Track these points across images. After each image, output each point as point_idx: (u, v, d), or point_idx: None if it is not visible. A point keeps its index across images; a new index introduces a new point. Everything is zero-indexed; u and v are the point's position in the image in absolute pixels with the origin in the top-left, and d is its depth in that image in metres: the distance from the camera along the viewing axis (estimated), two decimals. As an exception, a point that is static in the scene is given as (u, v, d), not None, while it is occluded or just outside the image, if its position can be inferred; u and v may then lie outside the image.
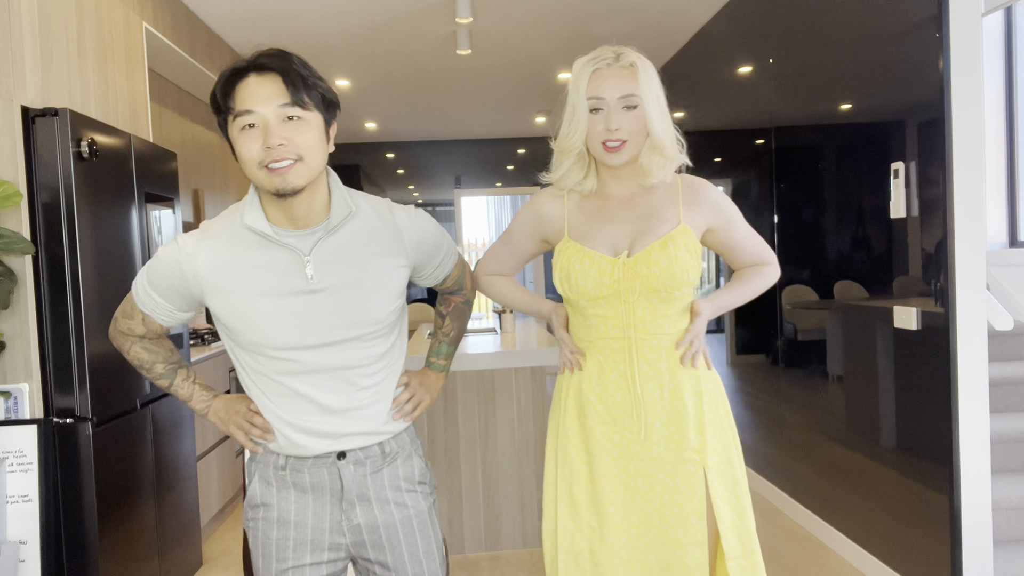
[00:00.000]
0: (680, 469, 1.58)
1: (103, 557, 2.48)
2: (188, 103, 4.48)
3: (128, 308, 1.49)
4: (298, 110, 1.31)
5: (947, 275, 2.54)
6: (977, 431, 2.54)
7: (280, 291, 1.37)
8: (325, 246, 1.39)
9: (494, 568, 3.22)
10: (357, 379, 1.44)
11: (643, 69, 1.54)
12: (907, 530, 2.81)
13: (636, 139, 1.55)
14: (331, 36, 4.63)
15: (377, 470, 1.48)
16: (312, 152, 1.32)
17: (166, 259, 1.40)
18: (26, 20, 2.43)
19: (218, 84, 1.34)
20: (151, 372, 1.55)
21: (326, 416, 1.43)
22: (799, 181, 3.66)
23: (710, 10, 4.33)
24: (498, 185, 8.58)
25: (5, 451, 2.32)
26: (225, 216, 1.43)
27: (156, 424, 2.94)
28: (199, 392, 1.56)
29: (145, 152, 2.96)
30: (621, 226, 1.61)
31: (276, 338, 1.38)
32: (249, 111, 1.30)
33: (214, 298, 1.39)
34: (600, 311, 1.60)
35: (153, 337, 1.53)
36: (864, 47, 2.99)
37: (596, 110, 1.54)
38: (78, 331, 2.42)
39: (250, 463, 1.53)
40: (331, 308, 1.39)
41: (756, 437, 4.16)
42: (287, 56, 1.34)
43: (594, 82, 1.54)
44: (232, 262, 1.37)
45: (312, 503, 1.46)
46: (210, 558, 3.47)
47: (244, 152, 1.32)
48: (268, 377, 1.42)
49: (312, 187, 1.36)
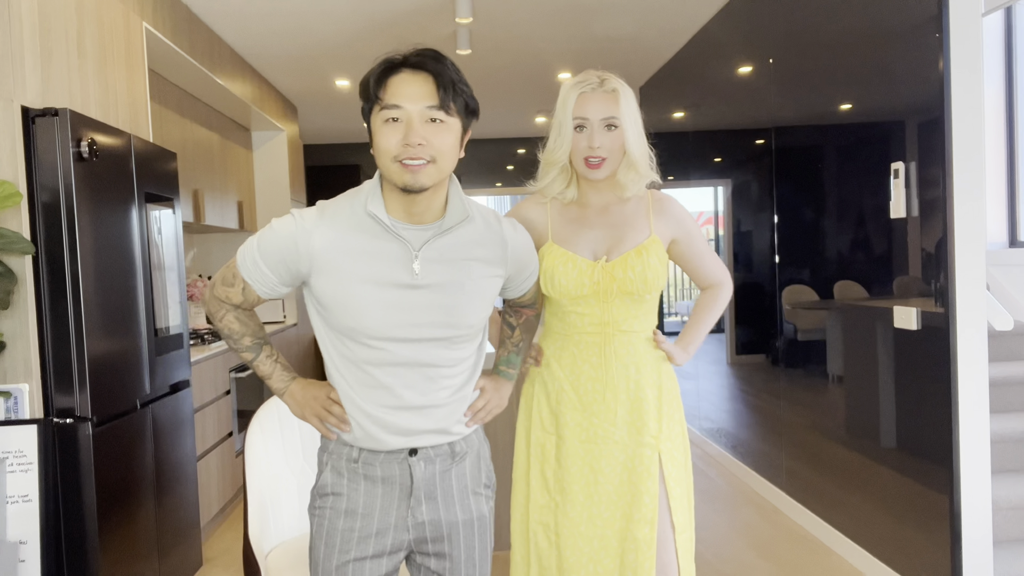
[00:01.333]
0: (638, 453, 1.78)
1: (103, 557, 2.48)
2: (188, 103, 4.48)
3: (229, 276, 1.48)
4: (442, 114, 1.36)
5: (947, 275, 2.54)
6: (977, 431, 2.54)
7: (385, 281, 1.40)
8: (435, 245, 1.43)
9: (494, 568, 3.21)
10: (439, 378, 1.47)
11: (623, 95, 1.73)
12: (907, 530, 2.81)
13: (614, 157, 1.74)
14: (331, 36, 4.63)
15: (446, 469, 1.51)
16: (446, 156, 1.37)
17: (283, 232, 1.41)
18: (26, 20, 2.43)
19: (372, 73, 1.38)
20: (239, 344, 1.56)
21: (404, 411, 1.46)
22: (799, 181, 3.66)
23: (710, 10, 4.33)
24: (498, 185, 8.57)
25: (5, 451, 2.32)
26: (344, 199, 1.45)
27: (156, 424, 2.94)
28: (280, 371, 1.57)
29: (145, 152, 2.96)
30: (599, 232, 1.81)
31: (372, 327, 1.41)
32: (397, 106, 1.35)
33: (320, 278, 1.41)
34: (579, 309, 1.78)
35: (247, 308, 1.54)
36: (864, 47, 3.00)
37: (580, 127, 1.73)
38: (78, 331, 2.42)
39: (321, 452, 1.55)
40: (430, 305, 1.42)
41: (756, 437, 4.16)
42: (442, 59, 1.38)
43: (580, 103, 1.72)
44: (345, 245, 1.40)
45: (381, 496, 1.48)
46: (210, 558, 3.47)
47: (383, 143, 1.36)
48: (355, 365, 1.45)
49: (436, 187, 1.40)
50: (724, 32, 4.34)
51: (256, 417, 2.16)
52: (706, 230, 5.16)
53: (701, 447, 5.02)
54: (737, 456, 4.42)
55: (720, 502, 3.97)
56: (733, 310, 4.60)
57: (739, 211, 4.47)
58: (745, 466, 4.27)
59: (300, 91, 6.01)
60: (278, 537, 2.15)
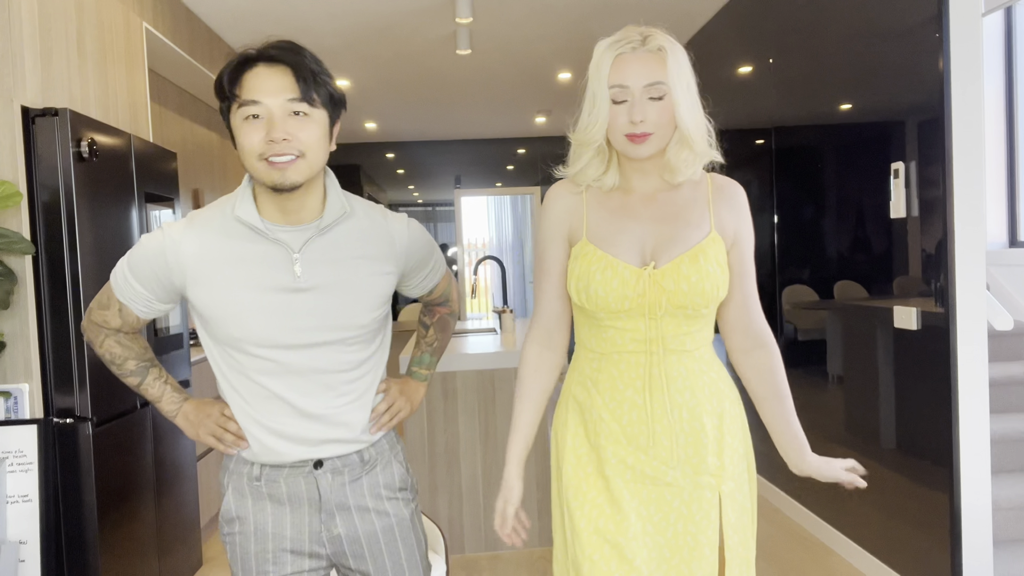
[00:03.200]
0: (696, 496, 1.43)
1: (103, 557, 2.48)
2: (188, 103, 4.48)
3: (104, 299, 1.43)
4: (305, 106, 1.29)
5: (947, 275, 2.54)
6: (977, 431, 2.54)
7: (265, 286, 1.34)
8: (316, 245, 1.36)
9: (494, 568, 3.22)
10: (336, 384, 1.40)
11: (672, 54, 1.38)
12: (907, 530, 2.81)
13: (663, 132, 1.39)
14: (331, 36, 4.63)
15: (356, 479, 1.45)
16: (314, 149, 1.31)
17: (150, 246, 1.35)
18: (26, 20, 2.43)
19: (225, 70, 1.31)
20: (122, 368, 1.48)
21: (303, 421, 1.39)
22: (799, 181, 3.66)
23: (710, 10, 4.33)
24: (498, 185, 8.58)
25: (5, 451, 2.32)
26: (215, 206, 1.39)
27: (156, 424, 2.94)
28: (170, 393, 1.50)
29: (145, 152, 2.96)
30: (645, 226, 1.44)
31: (256, 334, 1.34)
32: (255, 101, 1.27)
33: (196, 289, 1.35)
34: (619, 324, 1.43)
35: (129, 331, 1.47)
36: (864, 47, 3.00)
37: (620, 100, 1.38)
38: (78, 331, 2.42)
39: (223, 473, 1.48)
40: (315, 309, 1.36)
41: (756, 437, 4.15)
42: (299, 50, 1.31)
43: (617, 68, 1.37)
44: (218, 253, 1.34)
45: (289, 514, 1.42)
46: (210, 558, 3.47)
47: (245, 142, 1.29)
48: (246, 376, 1.38)
49: (309, 184, 1.34)
50: (724, 32, 4.34)
51: (256, 417, 2.15)
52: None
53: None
54: (737, 456, 4.41)
55: (720, 502, 3.97)
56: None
57: (739, 211, 4.47)
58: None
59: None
60: (278, 537, 2.15)
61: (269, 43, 1.31)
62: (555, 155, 1.59)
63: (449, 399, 3.30)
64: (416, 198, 8.53)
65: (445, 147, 8.37)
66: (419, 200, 8.54)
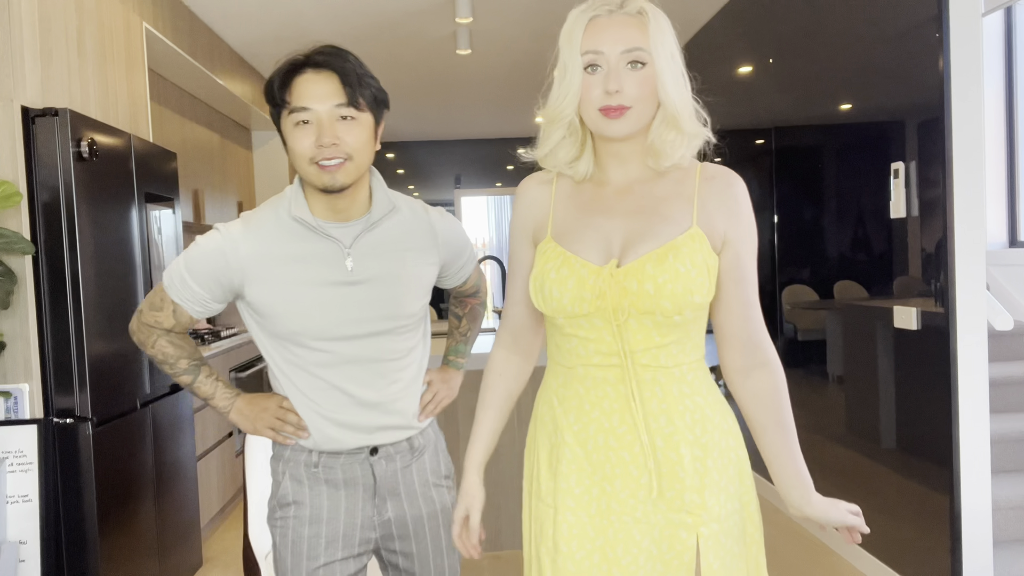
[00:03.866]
0: (668, 535, 1.23)
1: (103, 557, 2.48)
2: (188, 103, 4.48)
3: (157, 300, 1.47)
4: (352, 110, 1.34)
5: (947, 275, 2.54)
6: (977, 431, 2.54)
7: (320, 281, 1.40)
8: (365, 240, 1.43)
9: (494, 568, 3.22)
10: (389, 372, 1.47)
11: (655, 18, 1.21)
12: (907, 530, 2.81)
13: (643, 107, 1.20)
14: (331, 36, 4.62)
15: (407, 465, 1.53)
16: (361, 152, 1.36)
17: (209, 247, 1.40)
18: (26, 20, 2.43)
19: (275, 77, 1.37)
20: (174, 368, 1.53)
21: (360, 409, 1.46)
22: (799, 181, 3.67)
23: (710, 10, 4.33)
24: (498, 185, 8.58)
25: (5, 451, 2.32)
26: (268, 207, 1.46)
27: (156, 424, 2.94)
28: (222, 389, 1.55)
29: (145, 152, 2.96)
30: (615, 221, 1.25)
31: (314, 327, 1.40)
32: (305, 108, 1.33)
33: (254, 287, 1.40)
34: (581, 332, 1.24)
35: (180, 331, 1.51)
36: (864, 47, 3.00)
37: (593, 66, 1.20)
38: (78, 331, 2.42)
39: (276, 462, 1.53)
40: (368, 300, 1.42)
41: (756, 437, 4.16)
42: (344, 55, 1.36)
43: (591, 33, 1.21)
44: (275, 252, 1.40)
45: (345, 499, 1.48)
46: (210, 558, 3.47)
47: (296, 147, 1.35)
48: (304, 370, 1.44)
49: (357, 183, 1.40)
50: (724, 32, 4.34)
51: (256, 417, 2.15)
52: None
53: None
54: (737, 456, 4.41)
55: (720, 502, 3.97)
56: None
57: (739, 211, 4.47)
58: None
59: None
60: (278, 537, 2.15)
61: (316, 49, 1.36)
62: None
63: (449, 399, 3.30)
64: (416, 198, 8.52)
65: (445, 147, 8.37)
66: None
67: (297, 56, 1.36)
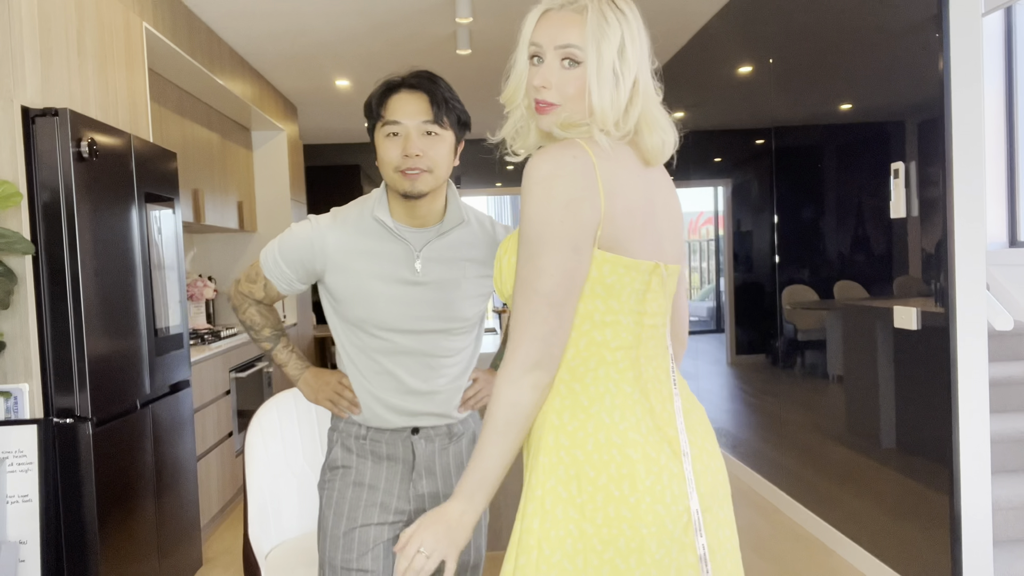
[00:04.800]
0: None
1: (103, 557, 2.48)
2: (188, 103, 4.48)
3: (253, 274, 1.68)
4: (437, 127, 1.52)
5: (947, 275, 2.54)
6: (977, 431, 2.54)
7: (390, 278, 1.57)
8: (434, 246, 1.60)
9: (494, 568, 3.22)
10: (438, 366, 1.63)
11: (596, 15, 1.16)
12: (907, 530, 2.81)
13: (575, 105, 1.18)
14: (331, 36, 4.63)
15: (444, 447, 1.69)
16: (441, 165, 1.54)
17: (300, 234, 1.60)
18: (26, 20, 2.43)
19: (375, 94, 1.56)
20: (259, 334, 1.75)
21: (407, 395, 1.63)
22: (799, 181, 3.67)
23: (710, 10, 4.33)
24: (498, 185, 8.58)
25: (5, 451, 2.32)
26: (355, 206, 1.63)
27: (156, 424, 2.94)
28: (295, 360, 1.76)
29: (145, 152, 2.96)
30: None
31: (379, 318, 1.58)
32: (396, 122, 1.52)
33: (333, 274, 1.59)
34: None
35: (268, 303, 1.73)
36: (864, 47, 3.00)
37: (536, 57, 1.22)
38: (78, 331, 2.42)
39: (331, 432, 1.73)
40: (429, 300, 1.59)
41: (756, 437, 4.16)
42: (436, 79, 1.56)
43: (540, 25, 1.22)
44: (355, 246, 1.58)
45: (386, 470, 1.66)
46: (210, 558, 3.47)
47: (385, 155, 1.53)
48: (364, 353, 1.62)
49: (434, 193, 1.57)
50: (724, 32, 4.34)
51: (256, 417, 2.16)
52: (706, 230, 5.17)
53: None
54: (737, 456, 4.42)
55: (720, 502, 3.97)
56: (733, 310, 4.60)
57: (739, 211, 4.47)
58: (745, 466, 4.27)
59: (300, 91, 6.01)
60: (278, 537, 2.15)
61: (412, 72, 1.56)
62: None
63: (449, 399, 3.30)
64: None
65: (445, 147, 8.36)
66: (419, 200, 8.53)
67: (395, 77, 1.56)
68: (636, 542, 1.14)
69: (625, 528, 1.13)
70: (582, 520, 1.14)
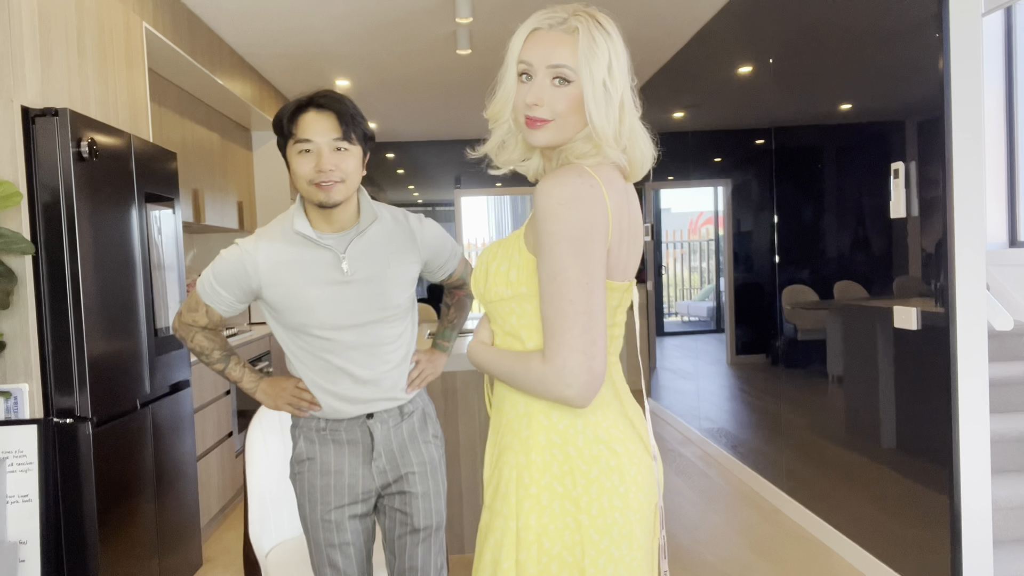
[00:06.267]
0: None
1: (103, 557, 2.48)
2: (188, 103, 4.48)
3: (192, 303, 1.79)
4: (346, 143, 1.66)
5: (947, 275, 2.54)
6: (977, 431, 2.54)
7: (322, 281, 1.70)
8: (356, 246, 1.73)
9: (494, 568, 3.22)
10: (382, 354, 1.77)
11: (587, 36, 1.22)
12: (907, 530, 2.81)
13: (565, 122, 1.24)
14: (331, 36, 4.63)
15: (397, 424, 1.82)
16: (352, 175, 1.68)
17: (231, 259, 1.72)
18: (26, 20, 2.43)
19: (284, 113, 1.68)
20: (209, 357, 1.85)
21: (359, 385, 1.76)
22: (799, 181, 3.67)
23: (710, 10, 4.33)
24: (498, 185, 8.58)
25: (5, 451, 2.32)
26: (276, 223, 1.76)
27: (156, 424, 2.94)
28: (249, 374, 1.88)
29: (145, 152, 2.96)
30: None
31: (319, 319, 1.70)
32: (308, 139, 1.65)
33: (269, 289, 1.71)
34: None
35: (213, 328, 1.83)
36: (864, 47, 3.00)
37: (525, 75, 1.27)
38: (78, 331, 2.42)
39: (293, 429, 1.85)
40: (361, 295, 1.72)
41: (756, 437, 4.16)
42: (342, 99, 1.68)
43: (529, 44, 1.28)
44: (284, 259, 1.71)
45: (348, 454, 1.79)
46: (210, 558, 3.47)
47: (299, 170, 1.66)
48: (312, 354, 1.75)
49: (347, 201, 1.71)
50: (724, 32, 4.34)
51: (256, 417, 2.16)
52: (706, 230, 5.17)
53: (701, 447, 5.02)
54: (737, 456, 4.42)
55: (720, 502, 3.97)
56: (733, 310, 4.61)
57: (739, 211, 4.47)
58: (745, 466, 4.27)
59: (300, 91, 5.99)
60: (278, 537, 2.15)
61: (318, 92, 1.68)
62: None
63: (449, 399, 3.30)
64: (416, 198, 8.53)
65: (445, 147, 8.37)
66: (419, 200, 8.53)
67: (302, 97, 1.68)
68: (627, 529, 1.25)
69: (618, 517, 1.24)
70: (578, 512, 1.24)
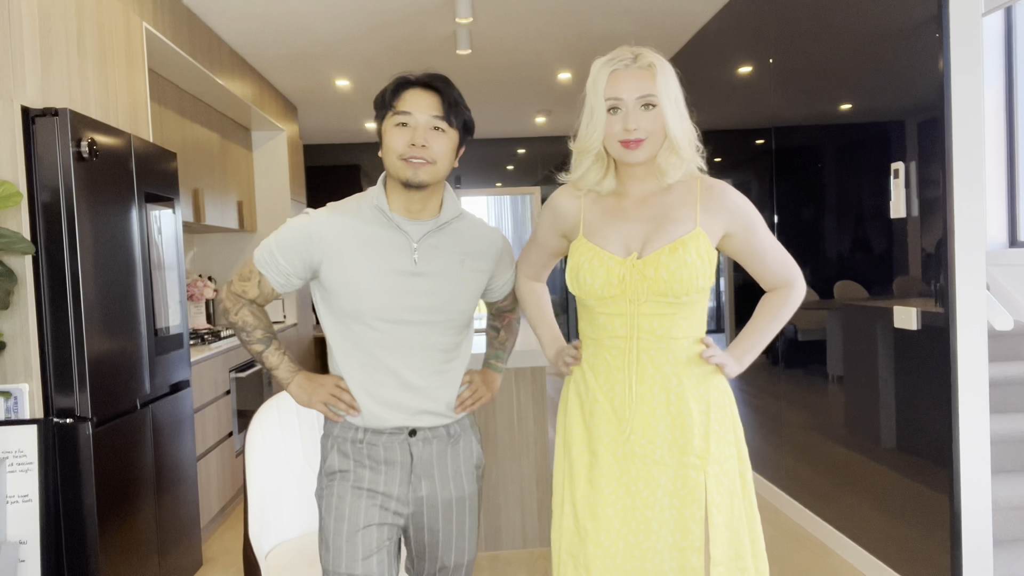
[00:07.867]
0: (681, 474, 1.58)
1: (103, 557, 2.48)
2: (188, 103, 4.48)
3: (246, 272, 1.67)
4: (445, 124, 1.58)
5: (947, 275, 2.54)
6: (977, 431, 2.54)
7: (388, 268, 1.60)
8: (431, 239, 1.64)
9: (494, 568, 3.22)
10: (437, 362, 1.66)
11: (661, 70, 1.56)
12: (907, 530, 2.81)
13: (654, 138, 1.57)
14: (331, 36, 4.63)
15: (443, 450, 1.70)
16: (443, 159, 1.59)
17: (298, 225, 1.62)
18: (26, 20, 2.43)
19: (389, 87, 1.61)
20: (251, 336, 1.71)
21: (405, 391, 1.64)
22: (799, 181, 3.67)
23: (710, 10, 4.34)
24: (498, 185, 8.58)
25: (5, 451, 2.32)
26: (353, 199, 1.67)
27: (156, 424, 2.94)
28: (287, 363, 1.73)
29: (145, 152, 2.96)
30: (635, 225, 1.62)
31: (375, 307, 1.60)
32: (407, 112, 1.57)
33: (329, 264, 1.60)
34: (608, 310, 1.61)
35: (262, 303, 1.70)
36: (864, 47, 3.00)
37: (614, 109, 1.56)
38: (78, 331, 2.42)
39: (325, 439, 1.71)
40: (425, 291, 1.62)
41: (756, 437, 4.16)
42: (449, 83, 1.62)
43: (612, 83, 1.56)
44: (353, 234, 1.61)
45: (384, 474, 1.66)
46: (210, 558, 3.47)
47: (392, 143, 1.58)
48: (361, 348, 1.63)
49: (433, 187, 1.62)
50: (724, 32, 4.34)
51: (256, 417, 2.16)
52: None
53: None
54: (737, 456, 4.41)
55: (720, 502, 3.97)
56: (733, 310, 4.61)
57: (739, 211, 4.47)
58: (745, 466, 4.27)
59: (300, 91, 6.01)
60: (278, 537, 2.15)
61: (428, 73, 1.62)
62: (555, 155, 1.69)
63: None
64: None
65: (445, 147, 8.35)
66: (419, 200, 8.52)
67: (409, 74, 1.61)
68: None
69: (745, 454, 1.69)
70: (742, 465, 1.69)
